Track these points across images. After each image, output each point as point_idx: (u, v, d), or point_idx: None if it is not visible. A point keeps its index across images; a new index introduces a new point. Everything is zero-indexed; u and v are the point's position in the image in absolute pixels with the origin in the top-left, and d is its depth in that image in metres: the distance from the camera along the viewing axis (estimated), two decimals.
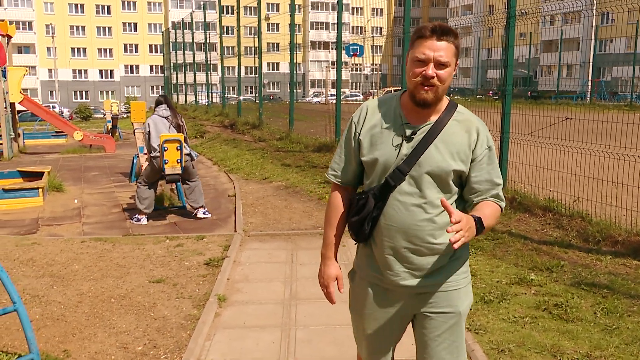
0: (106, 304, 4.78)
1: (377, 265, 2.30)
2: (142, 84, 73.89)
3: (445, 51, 2.09)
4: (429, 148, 2.15)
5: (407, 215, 2.18)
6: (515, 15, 6.71)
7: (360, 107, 2.33)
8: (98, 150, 17.25)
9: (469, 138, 2.19)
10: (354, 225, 2.30)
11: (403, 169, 2.17)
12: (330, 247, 2.40)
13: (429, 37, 2.10)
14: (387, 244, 2.23)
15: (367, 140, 2.24)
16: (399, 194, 2.18)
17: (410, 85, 2.15)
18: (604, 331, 4.04)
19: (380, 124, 2.23)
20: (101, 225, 7.78)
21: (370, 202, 2.23)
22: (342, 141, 2.37)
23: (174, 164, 7.64)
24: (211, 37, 25.30)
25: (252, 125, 17.46)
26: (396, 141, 2.18)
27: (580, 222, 6.19)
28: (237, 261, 5.89)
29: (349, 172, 2.35)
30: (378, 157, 2.20)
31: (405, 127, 2.19)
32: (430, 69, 2.08)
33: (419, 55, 2.10)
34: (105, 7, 72.20)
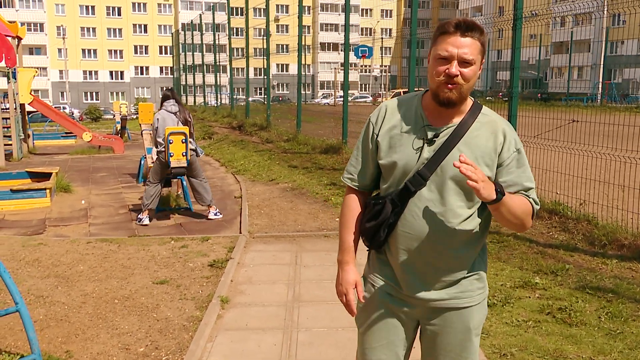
0: (110, 305, 4.79)
1: (392, 273, 2.19)
2: (152, 85, 74.23)
3: (470, 48, 1.96)
4: (452, 151, 2.02)
5: (427, 223, 2.06)
6: (522, 17, 6.68)
7: (378, 107, 2.22)
8: (107, 151, 17.33)
9: (494, 141, 2.06)
10: (368, 231, 2.18)
11: (424, 174, 2.04)
12: (348, 251, 2.25)
13: (453, 33, 1.97)
14: (404, 253, 2.11)
15: (386, 142, 2.12)
16: (418, 200, 2.06)
17: (433, 84, 2.03)
18: (608, 336, 4.01)
19: (400, 125, 2.11)
20: (107, 226, 7.81)
21: (387, 207, 2.10)
22: (358, 143, 2.26)
23: (179, 157, 7.69)
24: (220, 38, 25.37)
25: (260, 126, 17.49)
26: (417, 144, 2.06)
27: (587, 226, 6.15)
28: (241, 263, 5.89)
29: (366, 175, 2.23)
30: (397, 161, 2.08)
31: (427, 129, 2.06)
32: (454, 67, 1.95)
33: (442, 52, 1.97)
34: (115, 8, 72.61)
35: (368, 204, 2.19)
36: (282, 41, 63.90)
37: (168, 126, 7.73)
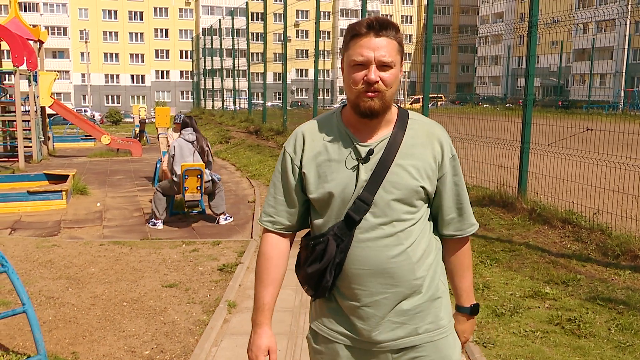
0: (118, 307, 4.83)
1: (347, 320, 1.87)
2: (172, 89, 74.88)
3: (387, 49, 1.73)
4: (391, 167, 1.79)
5: (380, 252, 1.79)
6: (537, 25, 6.63)
7: (292, 135, 1.92)
8: (125, 154, 17.51)
9: (432, 149, 1.85)
10: (311, 278, 1.85)
11: (366, 198, 1.78)
12: (263, 310, 1.91)
13: (366, 34, 1.74)
14: (359, 292, 1.82)
15: (313, 173, 1.83)
16: (364, 229, 1.79)
17: (351, 94, 1.78)
18: (617, 348, 3.94)
19: (325, 150, 1.83)
20: (121, 228, 7.89)
21: (331, 245, 1.80)
22: (274, 179, 1.93)
23: (194, 191, 7.85)
24: (240, 43, 25.54)
25: (277, 131, 17.55)
26: (351, 163, 1.80)
27: (600, 236, 6.06)
28: (251, 267, 5.91)
29: (291, 215, 1.91)
30: (332, 190, 1.80)
31: (359, 146, 1.81)
32: (373, 72, 1.72)
33: (357, 57, 1.74)
34: (137, 13, 73.41)
35: (305, 246, 1.88)
36: (302, 46, 63.96)
37: (185, 156, 7.79)
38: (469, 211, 1.95)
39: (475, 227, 1.98)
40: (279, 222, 1.92)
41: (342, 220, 1.80)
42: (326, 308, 1.92)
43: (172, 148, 7.91)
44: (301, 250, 1.92)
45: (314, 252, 1.84)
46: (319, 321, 1.95)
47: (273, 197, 1.93)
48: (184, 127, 8.11)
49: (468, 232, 1.96)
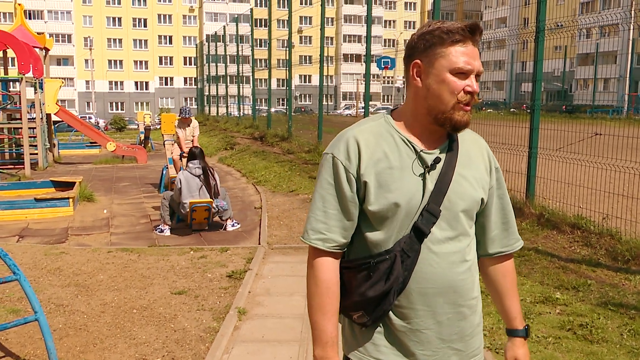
0: (128, 315, 4.83)
1: (403, 346, 1.70)
2: (176, 96, 75.08)
3: (479, 58, 1.67)
4: (454, 177, 1.69)
5: (448, 268, 1.67)
6: (544, 30, 6.63)
7: (341, 142, 1.72)
8: (130, 161, 17.54)
9: (482, 158, 1.78)
10: (371, 302, 1.67)
11: (433, 210, 1.65)
12: (333, 345, 1.69)
13: (465, 41, 1.63)
14: (424, 314, 1.68)
15: (375, 182, 1.66)
16: (431, 244, 1.66)
17: (443, 105, 1.64)
18: (630, 354, 3.92)
19: (385, 157, 1.67)
20: (128, 235, 7.89)
21: (397, 262, 1.64)
22: (322, 192, 1.71)
23: (201, 221, 7.94)
24: (244, 49, 25.61)
25: (282, 137, 17.55)
26: (418, 170, 1.67)
27: (610, 240, 6.04)
28: (260, 274, 5.90)
29: (345, 230, 1.71)
30: (398, 201, 1.64)
31: (423, 154, 1.68)
32: (475, 84, 1.63)
33: (463, 65, 1.61)
34: (141, 20, 73.72)
35: (360, 266, 1.69)
36: (305, 52, 64.13)
37: (192, 190, 7.80)
38: (514, 226, 1.87)
39: (521, 243, 1.89)
40: (332, 239, 1.70)
41: (408, 234, 1.65)
42: (373, 334, 1.72)
43: (177, 181, 7.91)
44: (348, 272, 1.72)
45: (377, 271, 1.66)
46: (362, 351, 1.74)
47: (322, 211, 1.70)
48: (191, 159, 8.08)
49: (516, 248, 1.86)
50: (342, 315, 1.78)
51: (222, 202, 8.06)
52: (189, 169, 7.94)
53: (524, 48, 56.44)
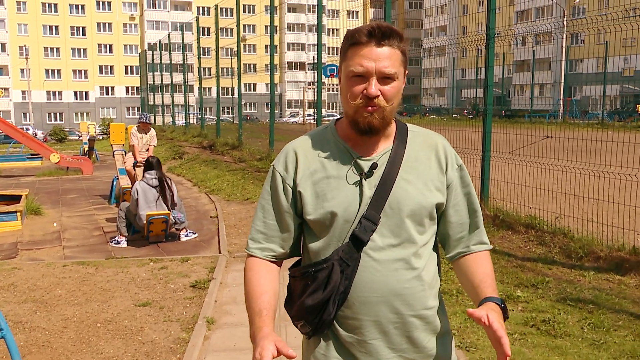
0: (92, 329, 4.70)
1: (353, 358, 1.68)
2: (118, 106, 73.47)
3: (390, 59, 1.58)
4: (396, 182, 1.64)
5: (391, 276, 1.62)
6: (494, 37, 6.86)
7: (282, 153, 1.73)
8: (75, 173, 17.05)
9: (437, 160, 1.72)
10: (311, 311, 1.64)
11: (372, 217, 1.61)
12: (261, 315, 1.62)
13: (366, 43, 1.58)
14: (368, 324, 1.64)
15: (310, 192, 1.65)
16: (372, 251, 1.62)
17: (349, 109, 1.62)
18: (592, 346, 4.09)
19: (322, 166, 1.66)
20: (82, 248, 7.68)
21: (336, 271, 1.60)
22: (262, 202, 1.73)
23: (159, 233, 7.82)
24: (188, 58, 25.35)
25: (232, 146, 17.45)
26: (352, 179, 1.64)
27: (563, 239, 6.28)
28: (224, 283, 5.85)
29: (284, 241, 1.72)
30: (335, 210, 1.62)
31: (360, 160, 1.65)
32: (373, 86, 1.57)
33: (356, 67, 1.58)
34: (80, 28, 71.90)
35: (302, 275, 1.67)
36: (250, 61, 64.00)
37: (149, 201, 7.66)
38: (482, 226, 1.80)
39: (489, 245, 1.81)
40: (270, 248, 1.71)
41: (346, 242, 1.62)
42: (324, 347, 1.70)
43: (134, 191, 7.73)
44: (294, 281, 1.72)
45: (315, 280, 1.63)
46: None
47: (262, 221, 1.72)
48: (147, 169, 7.93)
49: (485, 247, 1.78)
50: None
51: (180, 214, 7.94)
52: (145, 179, 7.79)
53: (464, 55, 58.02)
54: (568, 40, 47.08)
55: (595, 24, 9.13)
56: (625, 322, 4.45)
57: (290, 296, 1.74)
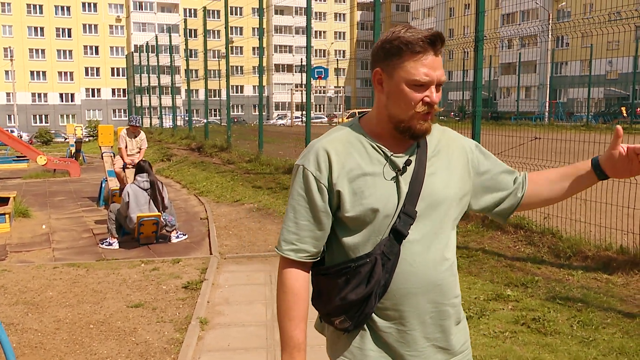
0: (85, 330, 4.70)
1: (389, 349, 1.73)
2: (104, 108, 73.02)
3: (442, 67, 1.67)
4: (425, 177, 1.71)
5: (429, 267, 1.69)
6: (483, 39, 6.93)
7: (311, 152, 1.73)
8: (62, 175, 16.94)
9: (457, 150, 1.81)
10: (353, 306, 1.68)
11: (410, 211, 1.67)
12: (300, 350, 1.72)
13: (427, 52, 1.63)
14: (408, 315, 1.70)
15: (348, 190, 1.68)
16: (410, 244, 1.68)
17: (403, 114, 1.67)
18: (582, 343, 4.15)
19: (357, 165, 1.69)
20: (72, 250, 7.65)
21: (378, 265, 1.65)
22: (293, 203, 1.73)
23: (149, 235, 7.78)
24: (175, 60, 25.29)
25: (220, 147, 17.43)
26: (389, 175, 1.70)
27: (551, 239, 6.36)
28: (216, 284, 5.86)
29: (317, 240, 1.73)
30: (376, 206, 1.66)
31: (394, 158, 1.71)
32: (435, 95, 1.64)
33: (421, 77, 1.62)
34: (65, 30, 71.40)
35: (345, 269, 1.70)
36: (237, 63, 63.95)
37: (140, 204, 7.64)
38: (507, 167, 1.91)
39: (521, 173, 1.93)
40: (304, 249, 1.72)
41: (387, 237, 1.67)
42: (359, 338, 1.74)
43: (125, 194, 7.70)
44: (326, 278, 1.75)
45: (358, 275, 1.67)
46: (348, 356, 1.75)
47: (294, 222, 1.73)
48: (139, 172, 7.92)
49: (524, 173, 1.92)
50: (325, 324, 1.81)
51: (170, 217, 7.93)
52: (136, 182, 7.77)
53: (450, 58, 58.40)
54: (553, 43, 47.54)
55: (580, 27, 9.25)
56: (614, 320, 4.52)
57: (320, 294, 1.77)
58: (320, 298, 1.77)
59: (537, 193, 1.88)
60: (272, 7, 74.13)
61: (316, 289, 1.79)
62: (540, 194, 1.88)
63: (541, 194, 1.88)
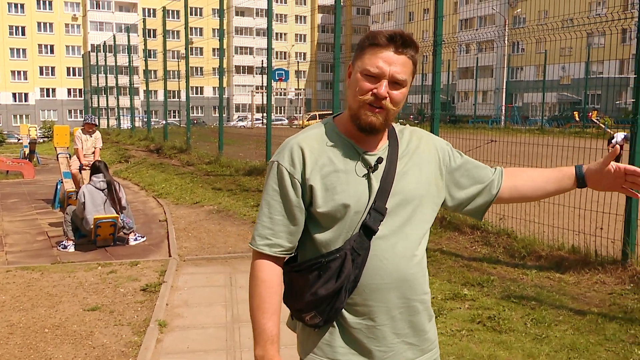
0: (40, 335, 4.60)
1: (359, 345, 1.75)
2: (60, 108, 71.32)
3: (403, 67, 1.67)
4: (396, 175, 1.74)
5: (399, 263, 1.71)
6: (441, 43, 7.06)
7: (286, 149, 1.77)
8: (15, 177, 16.50)
9: (428, 150, 1.84)
10: (323, 301, 1.70)
11: (380, 208, 1.70)
12: (273, 342, 1.73)
13: (385, 47, 1.66)
14: (377, 310, 1.72)
15: (320, 186, 1.71)
16: (380, 240, 1.71)
17: (354, 104, 1.70)
18: (535, 340, 4.28)
19: (330, 161, 1.72)
20: (26, 253, 7.46)
21: (348, 260, 1.68)
22: (268, 198, 1.75)
23: (106, 237, 7.64)
24: (133, 60, 24.91)
25: (180, 149, 17.26)
26: (361, 172, 1.73)
27: (507, 239, 6.52)
28: (175, 286, 5.81)
29: (291, 235, 1.75)
30: (347, 202, 1.69)
31: (366, 155, 1.74)
32: (383, 87, 1.66)
33: (371, 67, 1.66)
34: (19, 28, 69.52)
35: (313, 265, 1.72)
36: (197, 64, 63.33)
37: (96, 205, 7.49)
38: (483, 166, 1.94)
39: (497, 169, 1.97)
40: (278, 244, 1.74)
41: (357, 233, 1.70)
42: (329, 335, 1.75)
43: (81, 195, 7.55)
44: (298, 275, 1.76)
45: (328, 270, 1.69)
46: (318, 353, 1.77)
47: (268, 217, 1.75)
48: (94, 172, 7.77)
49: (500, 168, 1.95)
50: (296, 320, 1.82)
51: (128, 219, 7.81)
52: (92, 182, 7.63)
53: None
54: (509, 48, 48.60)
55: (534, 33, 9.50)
56: (565, 317, 4.67)
57: (292, 291, 1.78)
58: (292, 295, 1.78)
59: (517, 188, 1.92)
60: (233, 9, 73.69)
61: (288, 286, 1.80)
62: (520, 190, 1.92)
63: (520, 190, 1.92)
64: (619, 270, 5.39)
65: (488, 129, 27.85)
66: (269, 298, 1.72)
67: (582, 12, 10.12)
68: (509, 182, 1.91)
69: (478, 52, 56.53)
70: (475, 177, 1.89)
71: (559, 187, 1.91)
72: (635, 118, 5.18)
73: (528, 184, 1.92)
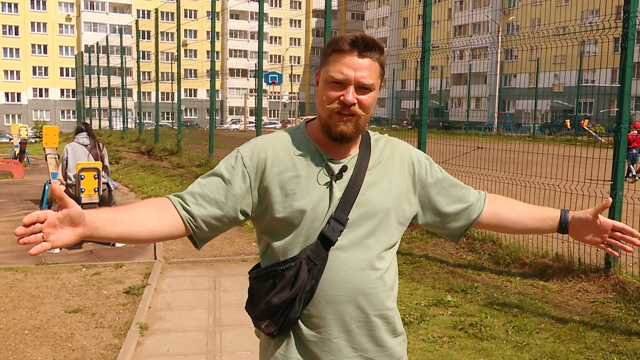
0: (19, 336, 4.57)
1: (314, 357, 1.70)
2: (52, 108, 71.07)
3: (369, 70, 1.63)
4: (363, 186, 1.69)
5: (356, 276, 1.66)
6: (430, 50, 7.08)
7: (251, 144, 1.74)
8: (5, 177, 16.40)
9: (402, 163, 1.78)
10: (276, 310, 1.65)
11: (340, 218, 1.64)
12: (93, 217, 1.58)
13: (349, 52, 1.62)
14: (333, 323, 1.67)
15: (279, 191, 1.66)
16: (339, 251, 1.65)
17: (323, 112, 1.66)
18: (515, 348, 4.28)
19: (293, 166, 1.68)
20: (11, 254, 7.41)
21: (303, 269, 1.63)
22: (212, 175, 1.71)
23: (91, 193, 7.47)
24: (127, 61, 24.86)
25: (171, 151, 17.21)
26: (323, 180, 1.67)
27: (492, 246, 6.53)
28: (159, 289, 5.79)
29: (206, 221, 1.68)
30: (304, 207, 1.64)
31: (330, 163, 1.69)
32: (350, 94, 1.61)
33: (336, 74, 1.62)
34: (12, 27, 69.28)
35: (270, 273, 1.68)
36: (190, 66, 63.31)
37: (79, 158, 7.49)
38: (465, 187, 1.88)
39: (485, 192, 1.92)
40: (191, 212, 1.66)
41: (314, 242, 1.65)
42: (285, 345, 1.72)
43: (64, 151, 7.58)
44: (257, 282, 1.73)
45: (283, 278, 1.65)
46: None
47: (199, 187, 1.68)
48: (78, 133, 7.86)
49: (484, 193, 1.89)
50: (256, 328, 1.79)
51: (114, 182, 7.87)
52: (76, 139, 7.73)
53: (404, 67, 59.26)
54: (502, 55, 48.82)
55: (527, 41, 9.56)
56: (547, 325, 4.68)
57: (252, 298, 1.76)
58: (252, 302, 1.76)
59: (498, 217, 1.88)
60: (227, 11, 73.72)
61: (249, 294, 1.78)
62: (500, 218, 1.88)
63: (501, 219, 1.88)
64: (601, 278, 5.41)
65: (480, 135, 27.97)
66: (137, 205, 1.63)
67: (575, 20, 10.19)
68: (491, 208, 1.87)
69: (471, 58, 56.77)
70: (452, 196, 1.83)
71: (539, 226, 1.87)
72: (619, 127, 5.20)
73: (510, 214, 1.88)
